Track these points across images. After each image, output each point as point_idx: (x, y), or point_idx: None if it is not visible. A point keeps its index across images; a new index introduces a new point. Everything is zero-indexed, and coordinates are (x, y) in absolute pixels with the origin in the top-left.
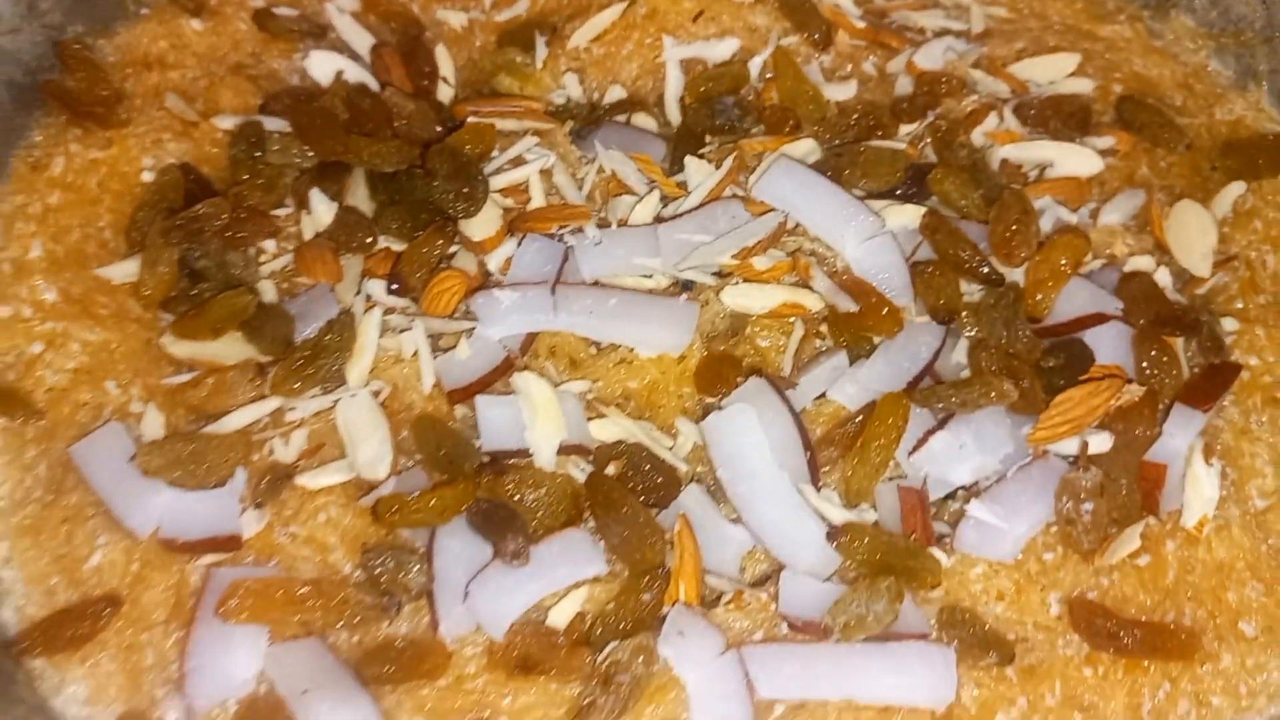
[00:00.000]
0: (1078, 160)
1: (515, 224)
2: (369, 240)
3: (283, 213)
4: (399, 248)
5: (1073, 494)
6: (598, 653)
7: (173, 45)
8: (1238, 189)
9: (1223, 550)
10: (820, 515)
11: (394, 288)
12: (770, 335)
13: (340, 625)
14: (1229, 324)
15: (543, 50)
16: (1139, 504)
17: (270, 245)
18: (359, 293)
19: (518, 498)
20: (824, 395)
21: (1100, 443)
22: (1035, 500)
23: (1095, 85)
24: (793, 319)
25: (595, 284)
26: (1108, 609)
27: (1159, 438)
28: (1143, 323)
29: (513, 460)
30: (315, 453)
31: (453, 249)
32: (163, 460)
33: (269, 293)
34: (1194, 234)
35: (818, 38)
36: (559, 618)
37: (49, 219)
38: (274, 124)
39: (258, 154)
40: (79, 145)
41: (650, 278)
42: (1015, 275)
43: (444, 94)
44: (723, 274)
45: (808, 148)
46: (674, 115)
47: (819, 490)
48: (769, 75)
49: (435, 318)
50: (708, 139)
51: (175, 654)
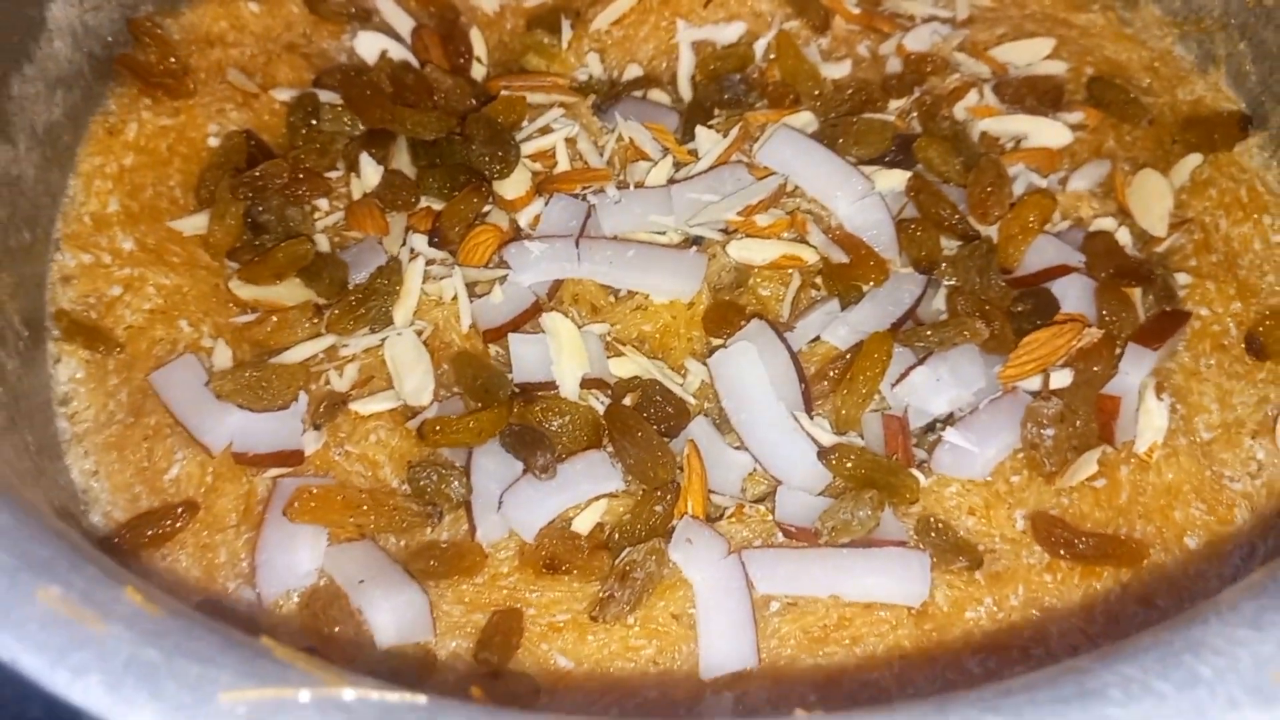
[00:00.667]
0: (1050, 133)
1: (543, 185)
2: (412, 200)
3: (334, 175)
4: (439, 206)
5: (1036, 421)
6: (615, 556)
7: (232, 25)
8: (1195, 160)
9: (1171, 474)
10: (812, 439)
11: (435, 241)
12: (770, 285)
13: (389, 530)
14: (1183, 279)
15: (568, 32)
16: (1096, 433)
17: (324, 204)
18: (404, 245)
19: (545, 423)
20: (818, 338)
21: (1061, 378)
22: (1004, 428)
23: (1069, 67)
24: (791, 270)
25: (615, 238)
26: (1067, 523)
27: (1115, 375)
28: (1104, 275)
29: (540, 391)
30: (366, 383)
31: (487, 207)
32: (234, 385)
33: (323, 244)
34: (1153, 199)
35: (817, 22)
36: (582, 525)
37: (124, 178)
38: (326, 96)
39: (313, 122)
40: (150, 113)
41: (664, 233)
42: (990, 232)
43: (478, 72)
44: (728, 230)
45: (806, 119)
46: (686, 91)
47: (812, 418)
48: (772, 56)
49: (471, 267)
50: (716, 111)
51: (245, 552)
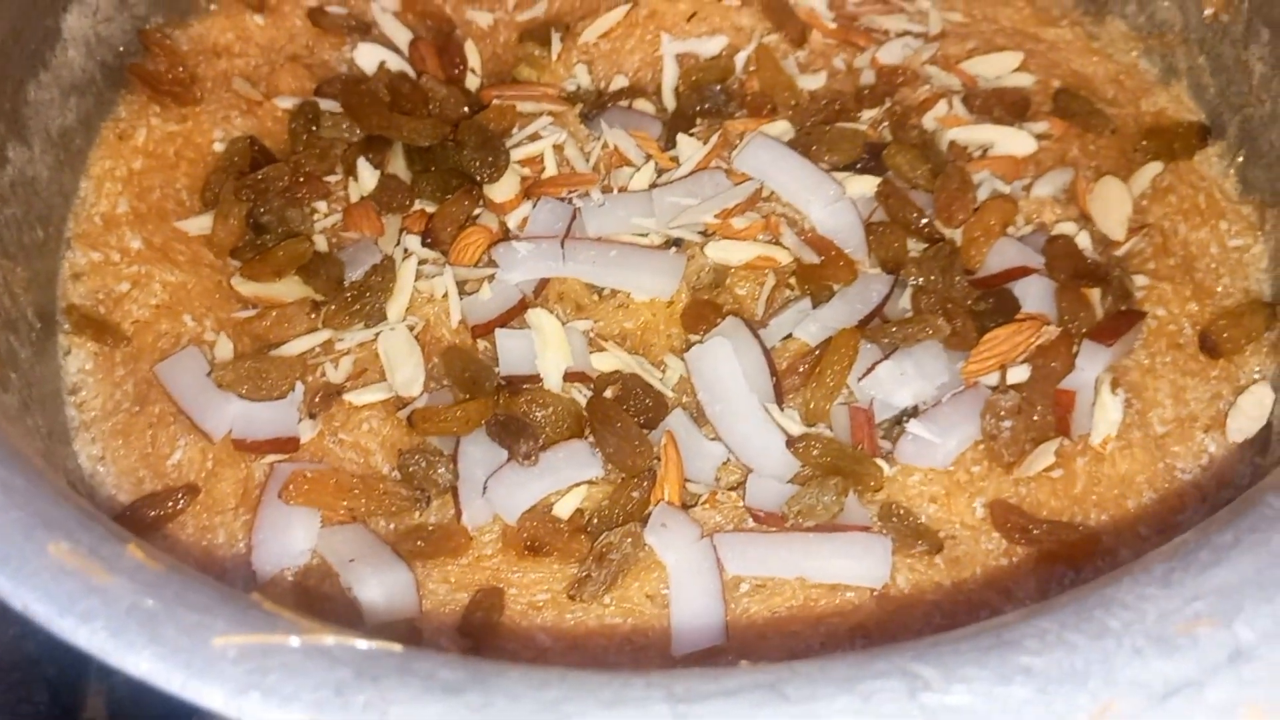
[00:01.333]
0: (1015, 142)
1: (531, 189)
2: (407, 202)
3: (333, 179)
4: (432, 208)
5: (994, 413)
6: (594, 539)
7: (238, 36)
8: (1155, 168)
9: (1125, 466)
10: (783, 429)
11: (427, 241)
12: (746, 284)
13: (379, 513)
14: (1141, 280)
15: (557, 45)
16: (1053, 425)
17: (322, 206)
18: (398, 245)
19: (530, 414)
20: (790, 335)
21: (1019, 373)
22: (965, 421)
23: (1036, 80)
24: (766, 270)
25: (598, 240)
26: (1024, 511)
27: (1072, 371)
28: (1063, 277)
29: (526, 384)
30: (360, 375)
31: (477, 210)
32: (234, 376)
33: (322, 244)
34: (1113, 204)
35: (795, 36)
36: (562, 510)
37: (133, 180)
38: (327, 104)
39: (313, 129)
40: (159, 119)
41: (645, 235)
42: (955, 235)
43: (471, 83)
44: (707, 232)
45: (782, 128)
46: (669, 100)
47: (783, 410)
48: (752, 68)
49: (462, 266)
50: (697, 120)
51: (243, 533)
